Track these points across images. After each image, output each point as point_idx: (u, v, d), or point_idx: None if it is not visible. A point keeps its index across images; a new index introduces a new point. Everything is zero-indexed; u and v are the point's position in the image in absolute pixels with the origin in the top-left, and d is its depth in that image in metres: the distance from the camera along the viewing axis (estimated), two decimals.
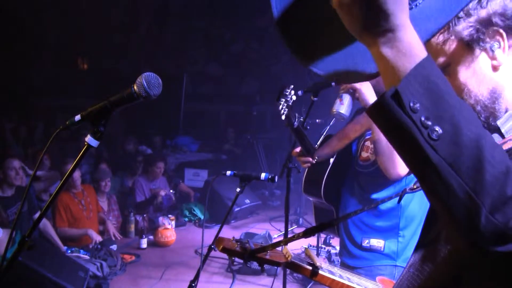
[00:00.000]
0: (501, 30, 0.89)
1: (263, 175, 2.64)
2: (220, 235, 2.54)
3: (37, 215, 4.33)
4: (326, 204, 2.33)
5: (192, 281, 2.47)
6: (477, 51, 0.92)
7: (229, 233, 5.21)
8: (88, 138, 1.16)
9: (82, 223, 4.91)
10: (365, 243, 2.16)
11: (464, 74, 0.95)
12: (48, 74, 9.36)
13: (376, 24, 0.69)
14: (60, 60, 9.72)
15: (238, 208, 6.10)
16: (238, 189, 2.61)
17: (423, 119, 0.67)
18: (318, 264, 1.56)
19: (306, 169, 2.40)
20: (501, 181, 0.67)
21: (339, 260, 4.25)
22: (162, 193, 6.01)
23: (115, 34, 9.74)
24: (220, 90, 10.36)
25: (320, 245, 4.37)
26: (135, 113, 8.65)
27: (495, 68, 0.93)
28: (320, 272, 1.56)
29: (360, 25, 0.70)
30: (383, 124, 0.73)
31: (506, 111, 0.94)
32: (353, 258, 2.22)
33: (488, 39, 0.91)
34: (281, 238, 3.66)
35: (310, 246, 4.67)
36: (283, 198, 3.24)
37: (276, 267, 4.01)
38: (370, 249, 2.14)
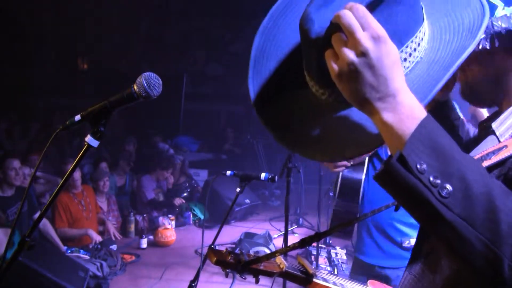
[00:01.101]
0: None
1: (263, 175, 2.64)
2: (220, 235, 2.55)
3: (37, 215, 4.33)
4: (356, 209, 2.29)
5: (192, 281, 2.47)
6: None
7: (229, 233, 5.22)
8: (88, 138, 1.16)
9: (82, 223, 4.90)
10: (405, 243, 2.17)
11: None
12: (48, 74, 9.35)
13: (376, 90, 0.69)
14: (60, 60, 9.72)
15: (238, 208, 6.10)
16: (238, 189, 2.61)
17: (431, 179, 0.67)
18: (311, 272, 1.56)
19: (340, 174, 2.34)
20: None
21: (339, 261, 4.25)
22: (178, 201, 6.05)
23: (115, 34, 9.73)
24: (220, 90, 10.35)
25: (320, 245, 4.37)
26: (135, 113, 8.65)
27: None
28: (314, 280, 1.55)
29: (361, 94, 0.70)
30: (392, 188, 0.72)
31: (504, 96, 0.96)
32: (391, 259, 2.22)
33: None
34: (281, 238, 3.64)
35: (310, 246, 4.67)
36: (283, 198, 3.24)
37: None
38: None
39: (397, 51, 0.72)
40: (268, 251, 4.15)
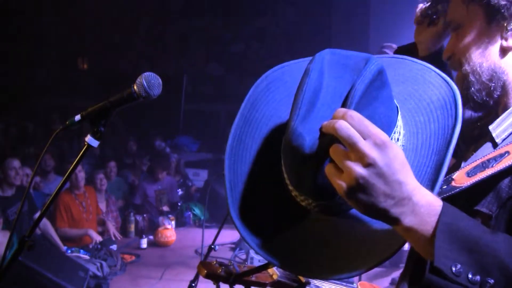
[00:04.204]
0: None
1: None
2: (220, 235, 2.55)
3: (37, 215, 4.33)
4: None
5: (192, 281, 2.47)
6: (494, 25, 0.91)
7: (229, 233, 5.21)
8: (88, 138, 1.16)
9: (81, 224, 4.91)
10: None
11: (473, 41, 0.94)
12: (48, 74, 9.36)
13: (392, 197, 0.64)
14: (60, 60, 9.72)
15: None
16: None
17: (470, 277, 0.64)
18: (304, 281, 1.55)
19: None
20: None
21: None
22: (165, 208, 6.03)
23: (115, 34, 9.74)
24: (220, 90, 10.35)
25: None
26: (135, 113, 8.65)
27: (503, 50, 0.92)
28: None
29: (376, 205, 0.64)
30: None
31: (500, 93, 0.93)
32: None
33: (507, 19, 0.89)
34: None
35: None
36: None
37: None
38: None
39: (401, 150, 0.66)
40: None
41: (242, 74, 10.29)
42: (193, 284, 2.46)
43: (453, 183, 0.87)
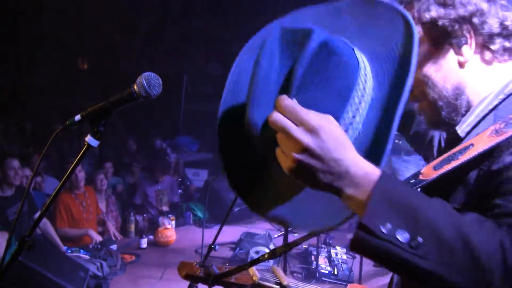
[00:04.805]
0: (470, 27, 0.92)
1: None
2: (220, 235, 2.55)
3: (37, 215, 4.33)
4: None
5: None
6: (446, 46, 0.95)
7: (229, 233, 5.21)
8: (88, 138, 1.16)
9: (81, 224, 4.91)
10: None
11: (430, 68, 0.97)
12: (48, 74, 9.36)
13: (331, 173, 0.72)
14: (60, 60, 9.72)
15: (238, 208, 6.09)
16: None
17: (399, 236, 0.68)
18: (285, 282, 1.54)
19: None
20: (498, 256, 0.67)
21: (339, 261, 4.25)
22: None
23: (115, 34, 9.74)
24: (220, 90, 10.32)
25: (320, 245, 4.37)
26: (135, 113, 8.65)
27: (461, 65, 0.96)
28: None
29: (318, 181, 0.73)
30: (368, 255, 0.73)
31: (466, 107, 0.97)
32: None
33: (456, 36, 0.93)
34: (281, 238, 3.65)
35: (311, 246, 4.66)
36: None
37: None
38: None
39: (337, 128, 0.73)
40: (268, 251, 4.15)
41: None
42: (193, 285, 2.46)
43: (420, 177, 0.91)
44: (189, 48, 10.31)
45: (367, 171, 0.73)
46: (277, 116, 0.72)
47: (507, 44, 0.94)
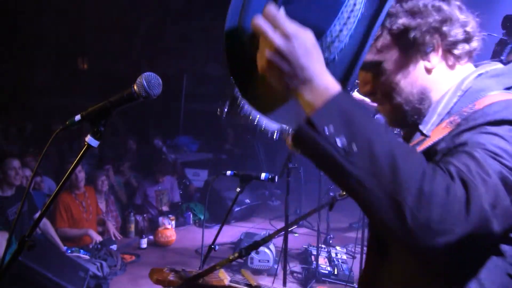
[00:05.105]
0: (439, 36, 0.98)
1: (263, 175, 2.64)
2: (220, 235, 2.55)
3: (37, 215, 4.33)
4: None
5: None
6: (414, 54, 1.00)
7: (229, 233, 5.22)
8: (88, 138, 1.16)
9: (81, 224, 4.91)
10: None
11: (399, 74, 1.02)
12: (48, 74, 9.35)
13: (296, 78, 0.81)
14: (60, 60, 9.72)
15: (238, 208, 6.10)
16: (238, 189, 2.62)
17: (338, 140, 0.77)
18: (255, 284, 1.56)
19: None
20: (418, 181, 0.74)
21: (339, 261, 4.25)
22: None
23: (115, 34, 9.73)
24: (220, 90, 10.35)
25: (320, 245, 4.37)
26: (135, 113, 8.65)
27: (428, 71, 1.02)
28: None
29: (283, 82, 0.82)
30: (304, 149, 0.82)
31: (429, 109, 1.03)
32: None
33: (425, 44, 0.99)
34: (282, 238, 3.65)
35: (310, 246, 4.66)
36: (283, 198, 3.24)
37: (276, 267, 4.01)
38: None
39: (311, 40, 0.82)
40: (268, 251, 4.15)
41: None
42: None
43: None
44: (189, 48, 10.30)
45: (328, 85, 0.82)
46: (259, 20, 0.81)
47: (467, 47, 1.01)
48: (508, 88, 0.95)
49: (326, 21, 0.86)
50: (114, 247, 4.68)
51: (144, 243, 5.06)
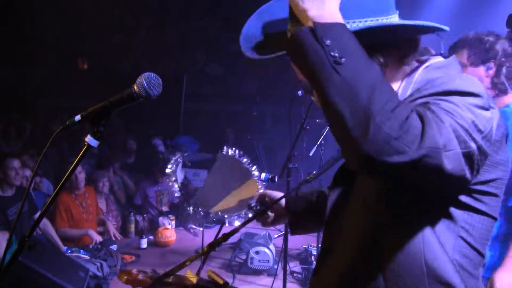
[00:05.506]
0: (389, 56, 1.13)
1: (263, 175, 2.65)
2: (220, 235, 2.55)
3: (37, 215, 4.33)
4: None
5: None
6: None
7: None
8: (88, 138, 1.16)
9: (81, 224, 4.91)
10: None
11: None
12: (48, 74, 9.35)
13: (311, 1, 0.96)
14: (60, 60, 9.71)
15: None
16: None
17: (331, 51, 0.89)
18: (222, 282, 1.57)
19: None
20: (389, 101, 0.86)
21: None
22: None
23: (115, 34, 9.73)
24: (220, 90, 10.35)
25: (319, 245, 4.37)
26: (135, 113, 8.65)
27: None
28: None
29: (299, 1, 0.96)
30: (301, 53, 0.93)
31: None
32: None
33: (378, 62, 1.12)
34: (282, 238, 3.64)
35: (310, 246, 4.66)
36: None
37: (276, 267, 4.01)
38: None
39: None
40: (268, 252, 4.14)
41: (242, 74, 10.29)
42: None
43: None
44: (189, 48, 10.29)
45: (337, 15, 0.95)
46: None
47: (416, 54, 1.17)
48: None
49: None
50: (114, 247, 4.68)
51: (144, 243, 5.05)
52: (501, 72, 2.12)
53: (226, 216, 2.40)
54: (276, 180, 2.69)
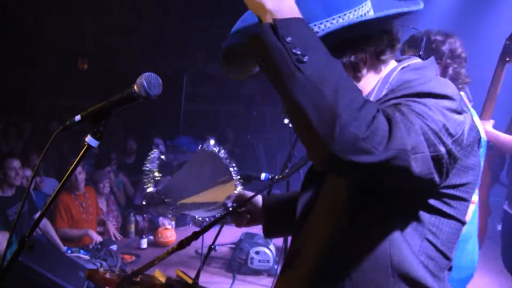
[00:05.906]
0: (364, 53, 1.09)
1: (263, 175, 2.65)
2: (220, 235, 2.55)
3: (37, 215, 4.33)
4: None
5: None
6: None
7: (229, 233, 5.21)
8: (88, 138, 1.16)
9: (81, 224, 4.91)
10: None
11: None
12: (48, 74, 9.35)
13: None
14: (60, 60, 9.71)
15: None
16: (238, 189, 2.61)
17: (293, 49, 0.85)
18: (192, 281, 1.58)
19: None
20: (354, 100, 0.84)
21: None
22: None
23: (115, 34, 9.72)
24: (220, 90, 10.35)
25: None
26: (135, 113, 8.64)
27: (357, 78, 1.14)
28: None
29: None
30: (263, 51, 0.89)
31: None
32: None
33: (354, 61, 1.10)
34: (281, 238, 3.65)
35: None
36: None
37: (276, 267, 4.01)
38: None
39: None
40: (268, 252, 4.15)
41: None
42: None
43: None
44: (189, 48, 10.29)
45: (296, 9, 0.91)
46: None
47: (391, 52, 1.14)
48: None
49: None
50: (114, 247, 4.68)
51: (144, 243, 5.06)
52: (447, 74, 2.06)
53: (186, 212, 2.38)
54: (276, 179, 2.68)
